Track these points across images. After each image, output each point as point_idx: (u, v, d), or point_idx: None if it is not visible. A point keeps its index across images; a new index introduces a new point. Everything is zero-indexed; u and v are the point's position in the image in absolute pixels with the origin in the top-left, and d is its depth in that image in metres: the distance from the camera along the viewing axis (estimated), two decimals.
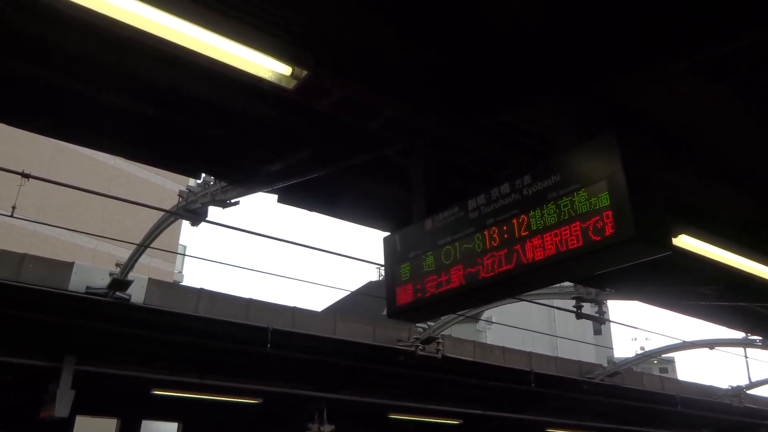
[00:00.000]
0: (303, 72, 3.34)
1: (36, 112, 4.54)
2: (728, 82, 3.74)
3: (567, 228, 3.22)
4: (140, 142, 4.93)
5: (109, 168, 22.15)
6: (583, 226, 3.15)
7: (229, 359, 12.05)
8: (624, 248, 3.05)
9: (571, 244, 3.19)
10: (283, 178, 5.00)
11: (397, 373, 13.45)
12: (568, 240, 3.20)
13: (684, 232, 4.98)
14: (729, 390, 19.66)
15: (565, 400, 16.49)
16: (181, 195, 7.17)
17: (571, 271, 3.77)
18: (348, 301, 28.92)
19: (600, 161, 3.17)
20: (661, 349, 16.30)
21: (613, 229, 3.03)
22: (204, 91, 4.19)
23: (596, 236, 3.09)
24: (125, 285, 9.69)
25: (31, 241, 18.78)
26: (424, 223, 4.06)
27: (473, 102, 3.99)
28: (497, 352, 15.15)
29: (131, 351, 11.26)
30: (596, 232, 3.09)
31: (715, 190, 5.03)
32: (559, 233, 3.25)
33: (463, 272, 3.69)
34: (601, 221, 3.07)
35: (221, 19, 3.09)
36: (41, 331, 10.23)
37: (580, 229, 3.16)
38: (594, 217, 3.11)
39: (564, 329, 29.08)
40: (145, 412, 13.39)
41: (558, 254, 3.25)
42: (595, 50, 3.51)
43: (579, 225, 3.17)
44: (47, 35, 3.65)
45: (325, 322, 12.76)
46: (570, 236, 3.20)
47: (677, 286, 7.07)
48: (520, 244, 3.43)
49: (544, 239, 3.31)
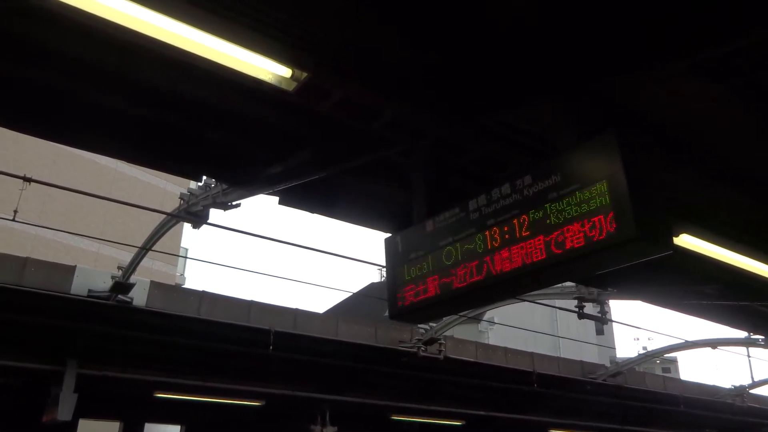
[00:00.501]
0: (303, 74, 3.35)
1: (36, 116, 4.55)
2: (728, 82, 3.74)
3: (568, 228, 3.22)
4: (141, 144, 4.94)
5: (110, 171, 22.17)
6: (584, 226, 3.15)
7: (232, 361, 12.06)
8: (625, 248, 3.05)
9: (572, 244, 3.19)
10: (284, 180, 5.00)
11: (399, 374, 13.45)
12: (570, 240, 3.21)
13: (685, 231, 4.98)
14: (732, 389, 19.64)
15: (567, 401, 16.48)
16: (182, 198, 7.18)
17: (573, 271, 3.77)
18: (350, 303, 28.92)
19: (600, 161, 3.17)
20: (664, 348, 16.29)
21: (614, 229, 3.03)
22: (204, 94, 4.20)
23: (597, 236, 3.09)
24: (127, 288, 9.70)
25: (33, 244, 18.81)
26: (425, 224, 4.06)
27: (473, 102, 3.99)
28: (499, 353, 15.15)
29: (134, 354, 11.26)
30: (597, 232, 3.09)
31: (715, 190, 5.03)
32: (560, 233, 3.25)
33: (464, 273, 3.69)
34: (602, 221, 3.07)
35: (221, 22, 3.10)
36: (44, 335, 10.24)
37: (581, 229, 3.16)
38: (595, 217, 3.11)
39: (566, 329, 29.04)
40: (148, 414, 13.40)
41: (559, 254, 3.24)
42: (595, 50, 3.51)
43: (580, 225, 3.17)
44: (47, 39, 3.66)
45: (327, 323, 12.76)
46: (571, 236, 3.20)
47: (679, 285, 7.06)
48: (521, 245, 3.43)
49: (546, 240, 3.31)
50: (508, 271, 3.47)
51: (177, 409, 13.17)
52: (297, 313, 12.39)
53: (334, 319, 13.40)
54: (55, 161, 20.19)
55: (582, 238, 3.15)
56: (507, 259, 3.48)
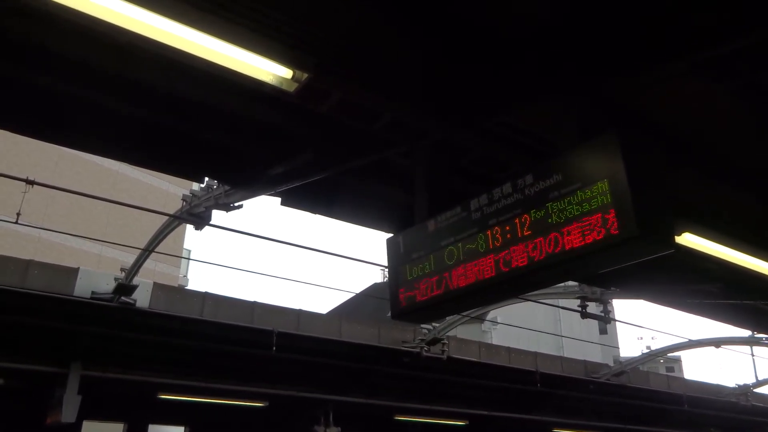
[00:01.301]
0: (304, 75, 3.35)
1: (36, 117, 4.56)
2: (729, 82, 3.74)
3: (570, 227, 3.22)
4: (142, 146, 4.95)
5: (112, 173, 22.23)
6: (586, 225, 3.15)
7: (235, 362, 12.07)
8: (627, 246, 3.05)
9: (574, 244, 3.19)
10: (286, 181, 5.01)
11: (402, 374, 13.46)
12: (571, 239, 3.21)
13: (687, 230, 4.97)
14: (736, 388, 19.62)
15: (571, 400, 16.46)
16: (184, 199, 7.19)
17: (575, 271, 3.77)
18: (352, 303, 28.94)
19: (602, 160, 3.17)
20: (667, 348, 16.27)
21: (615, 228, 3.02)
22: (205, 95, 4.21)
23: (599, 235, 3.09)
24: (130, 290, 9.73)
25: (36, 247, 18.86)
26: (426, 224, 4.06)
27: (474, 103, 3.99)
28: (502, 353, 15.15)
29: (137, 355, 11.28)
30: (599, 231, 3.09)
31: (717, 189, 5.03)
32: (561, 232, 3.25)
33: (466, 273, 3.69)
34: (604, 220, 3.07)
35: (221, 23, 3.10)
36: (47, 337, 10.27)
37: (583, 229, 3.16)
38: (596, 216, 3.11)
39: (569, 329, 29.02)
40: (152, 416, 13.41)
41: (561, 253, 3.24)
42: (595, 51, 3.51)
43: (581, 224, 3.17)
44: (47, 41, 3.67)
45: (330, 324, 12.78)
46: (573, 235, 3.20)
47: (682, 284, 7.05)
48: (522, 244, 3.43)
49: (547, 239, 3.32)
50: (510, 271, 3.47)
51: (181, 410, 13.19)
52: (300, 313, 12.41)
53: (337, 319, 13.42)
54: (58, 164, 20.24)
55: (584, 237, 3.15)
56: (509, 259, 3.49)
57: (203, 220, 6.84)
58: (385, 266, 4.52)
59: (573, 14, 3.31)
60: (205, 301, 11.27)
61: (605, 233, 3.06)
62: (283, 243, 7.61)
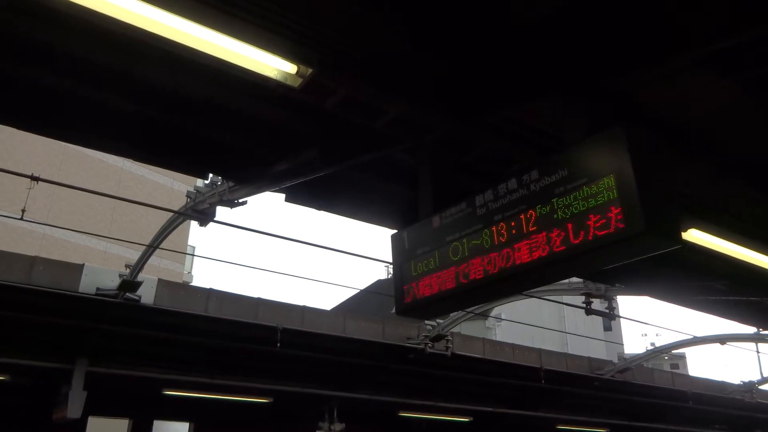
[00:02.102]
0: (308, 70, 3.35)
1: (42, 114, 4.57)
2: (737, 76, 3.71)
3: (575, 223, 3.21)
4: (148, 143, 4.95)
5: (117, 170, 22.27)
6: (592, 220, 3.13)
7: (240, 359, 12.10)
8: (633, 243, 3.03)
9: (579, 239, 3.18)
10: (290, 178, 5.01)
11: (406, 371, 13.46)
12: (577, 235, 3.19)
13: (694, 226, 4.95)
14: (741, 385, 19.54)
15: (575, 397, 16.44)
16: (189, 196, 7.20)
17: (580, 267, 3.75)
18: (357, 300, 28.97)
19: (608, 156, 3.15)
20: (672, 344, 16.21)
21: (621, 224, 3.01)
22: (210, 92, 4.21)
23: (605, 231, 3.07)
24: (135, 286, 9.74)
25: (41, 243, 18.92)
26: (431, 220, 4.05)
27: (478, 99, 3.98)
28: (507, 349, 15.13)
29: (142, 352, 11.31)
30: (605, 227, 3.07)
31: (724, 184, 5.00)
32: (567, 228, 3.24)
33: (471, 268, 3.68)
34: (610, 216, 3.06)
35: (226, 19, 3.10)
36: (53, 333, 10.30)
37: (589, 224, 3.14)
38: (602, 212, 3.09)
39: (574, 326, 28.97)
40: (157, 412, 13.45)
41: (567, 249, 3.23)
42: (602, 45, 3.49)
43: (588, 220, 3.15)
44: (53, 39, 3.68)
45: (335, 320, 12.79)
46: (578, 231, 3.18)
47: (687, 281, 7.03)
48: (527, 240, 3.42)
49: (552, 235, 3.30)
50: (515, 267, 3.46)
51: (186, 406, 13.23)
52: (304, 310, 12.42)
53: (342, 316, 13.42)
54: (63, 160, 20.29)
55: (589, 233, 3.14)
56: (514, 255, 3.47)
57: (207, 216, 6.84)
58: (390, 262, 4.51)
59: (580, 8, 3.29)
60: (209, 298, 11.28)
61: (611, 229, 3.05)
62: (287, 239, 7.62)
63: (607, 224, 3.06)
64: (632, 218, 2.97)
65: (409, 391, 14.29)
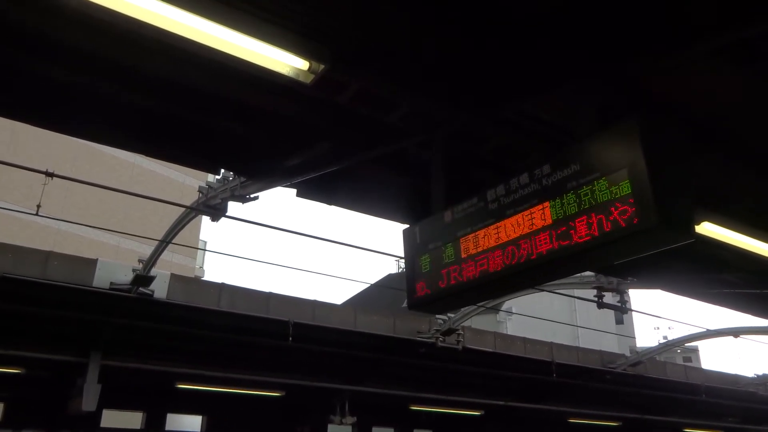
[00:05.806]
0: (320, 66, 3.35)
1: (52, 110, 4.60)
2: (753, 67, 3.67)
3: (588, 217, 3.20)
4: (160, 138, 4.98)
5: (130, 166, 22.42)
6: (604, 215, 3.12)
7: (252, 353, 12.16)
8: (646, 236, 3.02)
9: (592, 234, 3.17)
10: (302, 172, 5.02)
11: (417, 364, 13.48)
12: (589, 229, 3.18)
13: (707, 219, 4.92)
14: (754, 378, 19.41)
15: (587, 391, 16.41)
16: (200, 191, 7.24)
17: (593, 261, 3.74)
18: (368, 294, 29.02)
19: (620, 149, 3.13)
20: (685, 337, 16.11)
21: (635, 218, 3.00)
22: (222, 87, 4.22)
23: (618, 225, 3.06)
24: (148, 280, 9.82)
25: (55, 239, 19.10)
26: (443, 214, 4.05)
27: (492, 91, 3.97)
28: (518, 343, 15.11)
29: (155, 345, 11.41)
30: (618, 221, 3.06)
31: (738, 177, 4.96)
32: (579, 222, 3.23)
33: (483, 263, 3.68)
34: (623, 210, 3.04)
35: (237, 15, 3.11)
36: (67, 327, 10.41)
37: (602, 218, 3.13)
38: (615, 206, 3.08)
39: (585, 319, 28.87)
40: (170, 405, 13.57)
41: (579, 243, 3.22)
42: (617, 34, 3.46)
43: (600, 214, 3.14)
44: (62, 33, 3.69)
45: (346, 315, 12.82)
46: (591, 225, 3.18)
47: (700, 274, 6.99)
48: (539, 234, 3.42)
49: (565, 229, 3.29)
50: (527, 261, 3.46)
51: (199, 399, 13.33)
52: (315, 304, 12.46)
53: (353, 310, 13.45)
54: (77, 157, 20.45)
55: (602, 226, 3.13)
56: (526, 249, 3.47)
57: (219, 211, 6.88)
58: (401, 257, 4.52)
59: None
60: (221, 292, 11.35)
61: (624, 223, 3.04)
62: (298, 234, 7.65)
63: (620, 218, 3.05)
64: (645, 212, 2.96)
65: (420, 385, 14.32)
